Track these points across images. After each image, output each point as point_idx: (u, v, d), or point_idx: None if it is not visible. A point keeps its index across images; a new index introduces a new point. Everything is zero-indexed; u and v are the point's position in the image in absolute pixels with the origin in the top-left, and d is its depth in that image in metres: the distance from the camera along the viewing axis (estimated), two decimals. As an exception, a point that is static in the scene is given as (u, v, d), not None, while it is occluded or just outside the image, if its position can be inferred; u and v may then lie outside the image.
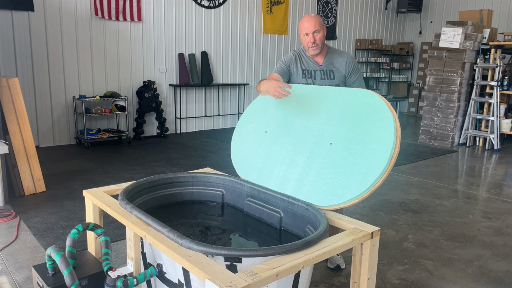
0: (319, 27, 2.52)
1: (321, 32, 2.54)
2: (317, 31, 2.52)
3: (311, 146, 2.31)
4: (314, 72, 2.67)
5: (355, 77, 2.65)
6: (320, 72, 2.65)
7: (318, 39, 2.53)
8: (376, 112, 2.15)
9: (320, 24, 2.53)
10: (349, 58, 2.64)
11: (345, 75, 2.64)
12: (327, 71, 2.65)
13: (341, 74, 2.64)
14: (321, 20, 2.56)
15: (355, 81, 2.66)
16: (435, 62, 7.38)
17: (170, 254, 1.63)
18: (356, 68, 2.65)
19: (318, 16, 2.56)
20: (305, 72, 2.69)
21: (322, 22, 2.57)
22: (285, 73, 2.69)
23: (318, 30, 2.52)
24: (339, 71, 2.64)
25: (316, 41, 2.54)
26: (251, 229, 2.41)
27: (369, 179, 1.98)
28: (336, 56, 2.64)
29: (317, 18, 2.53)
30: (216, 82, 8.15)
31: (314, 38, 2.53)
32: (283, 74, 2.68)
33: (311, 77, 2.67)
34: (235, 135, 2.79)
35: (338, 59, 2.63)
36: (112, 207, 2.09)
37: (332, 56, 2.65)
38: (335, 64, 2.63)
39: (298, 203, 2.16)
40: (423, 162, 6.01)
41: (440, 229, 3.57)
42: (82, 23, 6.38)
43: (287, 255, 1.61)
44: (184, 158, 5.78)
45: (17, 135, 3.90)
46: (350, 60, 2.64)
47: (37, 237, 3.15)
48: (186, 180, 2.64)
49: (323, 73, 2.66)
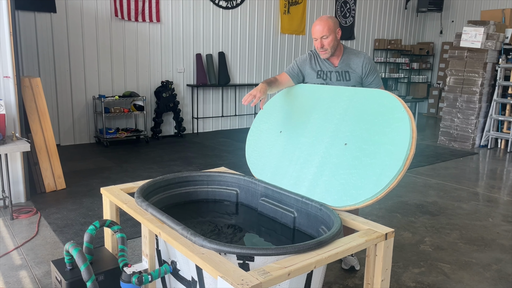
0: (327, 32, 2.45)
1: (330, 37, 2.47)
2: (325, 37, 2.46)
3: (326, 147, 2.31)
4: (329, 73, 2.63)
5: (372, 78, 2.58)
6: (335, 74, 2.61)
7: (327, 44, 2.48)
8: (392, 112, 2.13)
9: (330, 29, 2.46)
10: (365, 58, 2.58)
11: (361, 76, 2.58)
12: (342, 73, 2.60)
13: (357, 75, 2.58)
14: (333, 23, 2.48)
15: (372, 82, 2.59)
16: (456, 62, 7.24)
17: (184, 252, 1.66)
18: (373, 69, 2.58)
19: (329, 20, 2.49)
20: (320, 73, 2.65)
21: (334, 25, 2.48)
22: (296, 75, 2.66)
23: (326, 35, 2.46)
24: (355, 72, 2.58)
25: (325, 46, 2.49)
26: (265, 229, 2.42)
27: (383, 180, 1.96)
28: (352, 57, 2.58)
29: (326, 23, 2.46)
30: (233, 82, 8.19)
31: (322, 43, 2.48)
32: (293, 76, 2.66)
33: (327, 78, 2.64)
34: (250, 135, 2.80)
35: (354, 60, 2.57)
36: (128, 204, 2.13)
37: (349, 57, 2.59)
38: (351, 65, 2.57)
39: (311, 203, 2.16)
40: (442, 164, 5.91)
41: (458, 232, 3.50)
42: (103, 24, 6.51)
43: (300, 254, 1.61)
44: (200, 157, 5.83)
45: (39, 134, 4.00)
46: (366, 60, 2.57)
47: (56, 233, 3.23)
48: (201, 179, 2.66)
49: (338, 74, 2.61)
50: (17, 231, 3.27)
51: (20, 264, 2.75)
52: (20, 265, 2.75)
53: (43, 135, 4.03)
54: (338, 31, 2.53)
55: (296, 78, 2.68)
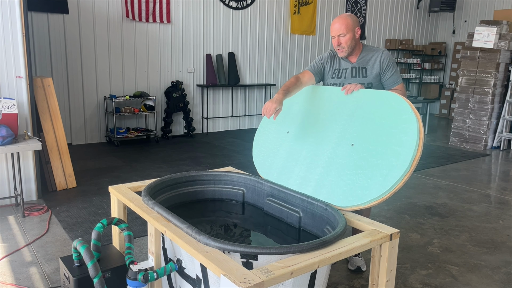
0: (345, 30, 2.43)
1: (348, 35, 2.45)
2: (342, 35, 2.44)
3: (333, 147, 2.30)
4: (345, 70, 2.60)
5: (390, 74, 2.53)
6: (352, 70, 2.58)
7: (344, 43, 2.46)
8: (399, 113, 2.12)
9: (347, 27, 2.44)
10: (383, 54, 2.53)
11: (379, 72, 2.54)
12: (359, 68, 2.57)
13: (375, 71, 2.54)
14: (351, 22, 2.45)
15: (389, 78, 2.54)
16: (468, 63, 7.15)
17: (188, 250, 1.67)
18: (391, 65, 2.53)
19: (348, 18, 2.46)
20: (335, 72, 2.64)
21: (352, 24, 2.45)
22: (319, 72, 2.64)
23: (344, 33, 2.44)
24: (373, 68, 2.54)
25: (341, 44, 2.47)
26: (270, 228, 2.42)
27: (389, 181, 1.95)
28: (370, 54, 2.55)
29: (345, 21, 2.44)
30: (243, 83, 8.20)
31: (339, 41, 2.47)
32: (316, 73, 2.63)
33: (341, 77, 2.62)
34: (257, 135, 2.81)
35: (372, 56, 2.54)
36: (135, 202, 2.15)
37: (367, 53, 2.56)
38: (369, 62, 2.55)
39: (317, 203, 2.16)
40: (453, 166, 5.84)
41: (468, 234, 3.46)
42: (114, 25, 6.58)
43: (303, 254, 1.62)
44: (209, 157, 5.86)
45: (51, 133, 4.07)
46: (385, 56, 2.52)
47: (66, 231, 3.28)
48: (208, 178, 2.68)
49: (355, 70, 2.57)
50: (28, 228, 3.32)
51: (31, 261, 2.80)
52: (31, 261, 2.80)
53: (55, 134, 4.09)
54: (357, 30, 2.48)
55: (318, 74, 2.64)
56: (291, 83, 2.47)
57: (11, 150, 3.36)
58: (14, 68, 3.74)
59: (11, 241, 3.10)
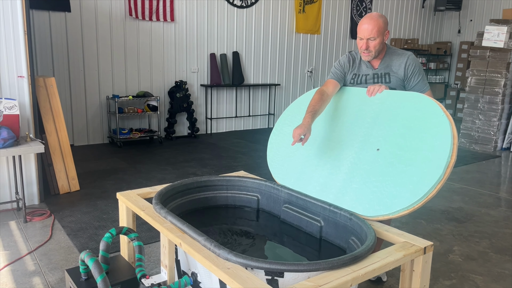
0: (376, 34, 2.21)
1: (378, 39, 2.23)
2: (372, 39, 2.22)
3: (356, 152, 2.17)
4: (365, 76, 2.40)
5: (416, 81, 2.30)
6: (373, 76, 2.37)
7: (372, 47, 2.24)
8: (430, 116, 1.98)
9: (379, 31, 2.21)
10: (409, 59, 2.30)
11: (403, 79, 2.31)
12: (382, 75, 2.35)
13: (398, 77, 2.31)
14: (383, 24, 2.23)
15: (415, 85, 2.31)
16: (477, 62, 7.02)
17: (207, 265, 1.54)
18: (417, 71, 2.30)
19: (380, 20, 2.22)
20: (354, 77, 2.44)
21: (384, 27, 2.23)
22: (342, 78, 2.43)
23: (374, 37, 2.21)
24: (397, 74, 2.31)
25: (370, 48, 2.25)
26: (288, 238, 2.29)
27: (421, 189, 1.82)
28: (394, 58, 2.33)
29: (377, 23, 2.21)
30: (247, 83, 8.06)
31: (368, 45, 2.24)
32: (340, 80, 2.42)
33: (360, 83, 2.42)
34: (272, 138, 2.67)
35: (397, 61, 2.31)
36: (146, 211, 2.02)
37: (391, 57, 2.33)
38: (392, 67, 2.32)
39: (340, 212, 2.02)
40: (464, 168, 5.71)
41: (488, 240, 3.33)
42: (117, 24, 6.44)
43: (333, 271, 1.48)
44: (214, 159, 5.72)
45: (53, 135, 3.93)
46: (410, 61, 2.29)
47: (70, 237, 3.14)
48: (221, 184, 2.54)
49: (377, 76, 2.36)
50: (30, 235, 3.19)
51: (33, 270, 2.67)
52: (33, 271, 2.66)
53: (57, 136, 3.95)
54: (387, 33, 2.27)
55: (342, 81, 2.44)
56: (316, 100, 2.27)
57: (13, 153, 3.22)
58: (16, 68, 3.60)
59: (13, 248, 2.97)
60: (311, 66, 8.97)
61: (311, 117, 2.19)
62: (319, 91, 2.36)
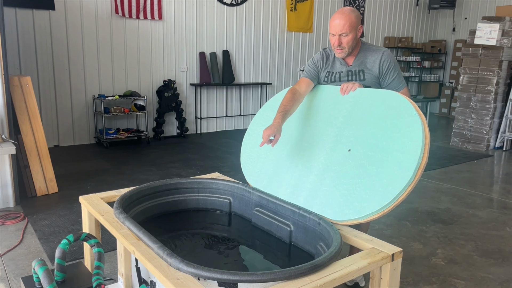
0: (348, 29, 2.11)
1: (351, 35, 2.13)
2: (345, 34, 2.12)
3: (327, 153, 2.07)
4: (339, 74, 2.30)
5: (392, 78, 2.20)
6: (347, 73, 2.27)
7: (345, 43, 2.15)
8: (402, 116, 1.89)
9: (351, 26, 2.12)
10: (384, 55, 2.20)
11: (378, 76, 2.22)
12: (356, 72, 2.25)
13: (373, 75, 2.22)
14: (355, 19, 2.14)
15: (390, 83, 2.22)
16: (469, 60, 6.92)
17: (157, 275, 1.44)
18: (392, 68, 2.21)
19: (352, 15, 2.13)
20: (328, 75, 2.34)
21: (356, 22, 2.14)
22: (315, 76, 2.34)
23: (346, 33, 2.12)
24: (371, 71, 2.22)
25: (342, 44, 2.16)
26: (259, 243, 2.19)
27: (391, 192, 1.72)
28: (369, 54, 2.23)
29: (349, 18, 2.12)
30: (238, 82, 7.96)
31: (340, 41, 2.15)
32: (313, 78, 2.33)
33: (334, 80, 2.32)
34: (246, 138, 2.57)
35: (371, 57, 2.22)
36: (106, 216, 1.92)
37: (366, 54, 2.24)
38: (367, 64, 2.23)
39: (309, 216, 1.92)
40: (455, 167, 5.62)
41: (474, 243, 3.24)
42: (103, 22, 6.33)
43: (290, 281, 1.39)
44: (201, 159, 5.62)
45: (29, 135, 3.83)
46: (385, 57, 2.20)
47: (41, 241, 3.04)
48: (191, 186, 2.45)
49: (351, 74, 2.27)
50: (1, 239, 3.09)
51: (-1, 276, 2.57)
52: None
53: (34, 136, 3.85)
54: (360, 28, 2.17)
55: (316, 79, 2.35)
56: (288, 100, 2.18)
57: (-17, 154, 3.12)
58: (-11, 66, 3.49)
59: (-19, 253, 2.87)
60: (303, 65, 8.86)
61: (281, 117, 2.09)
62: (291, 90, 2.26)
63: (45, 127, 6.06)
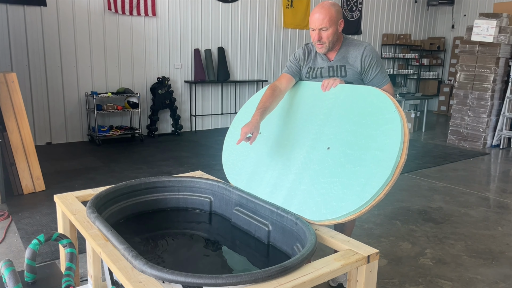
0: (328, 23, 2.05)
1: (331, 29, 2.07)
2: (324, 29, 2.06)
3: (307, 151, 2.02)
4: (320, 69, 2.24)
5: (374, 73, 2.14)
6: (328, 69, 2.21)
7: (325, 38, 2.09)
8: (382, 112, 1.83)
9: (331, 20, 2.06)
10: (366, 50, 2.13)
11: (360, 72, 2.15)
12: (337, 67, 2.18)
13: (355, 70, 2.15)
14: (335, 13, 2.08)
15: (373, 79, 2.14)
16: (466, 57, 6.85)
17: (120, 277, 1.39)
18: (374, 63, 2.13)
19: (332, 9, 2.06)
20: (309, 71, 2.27)
21: (336, 16, 2.08)
22: (297, 72, 2.29)
23: (326, 27, 2.06)
24: (353, 67, 2.15)
25: (322, 39, 2.09)
26: (239, 243, 2.14)
27: (368, 192, 1.67)
28: (351, 49, 2.16)
29: (328, 12, 2.05)
30: (233, 79, 7.90)
31: (320, 35, 2.09)
32: (295, 74, 2.28)
33: (316, 77, 2.25)
34: (228, 136, 2.52)
35: (353, 52, 2.15)
36: (77, 215, 1.87)
37: (347, 49, 2.17)
38: (348, 59, 2.16)
39: (287, 215, 1.87)
40: (451, 165, 5.55)
41: (464, 243, 3.18)
42: (95, 18, 6.27)
43: (257, 284, 1.33)
44: (194, 157, 5.57)
45: (15, 132, 3.78)
46: (367, 52, 2.12)
47: (23, 240, 3.00)
48: (171, 185, 2.39)
49: (332, 69, 2.20)
50: (-16, 237, 3.04)
51: (-24, 276, 2.52)
52: (-24, 277, 2.51)
53: (20, 133, 3.80)
54: (341, 22, 2.11)
55: (297, 75, 2.29)
56: (267, 97, 2.12)
57: (-35, 152, 3.08)
58: (-27, 63, 3.45)
59: (-38, 252, 2.82)
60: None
61: (260, 114, 2.04)
62: (272, 86, 2.21)
63: (37, 124, 6.03)
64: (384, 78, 2.16)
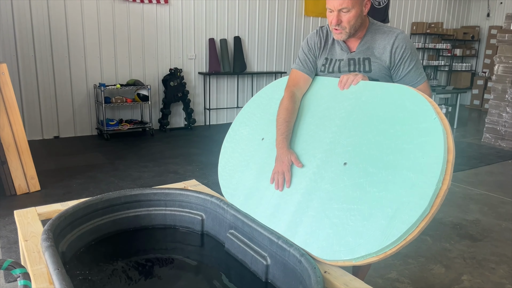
0: (351, 3, 1.59)
1: (354, 10, 1.61)
2: (345, 10, 1.60)
3: (318, 165, 1.60)
4: (339, 62, 1.77)
5: (407, 69, 1.67)
6: (348, 62, 1.74)
7: (346, 21, 1.63)
8: (417, 120, 1.39)
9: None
10: (398, 39, 1.66)
11: (389, 67, 1.69)
12: (359, 61, 1.72)
13: (382, 65, 1.69)
14: None
15: (405, 76, 1.68)
16: (505, 48, 6.19)
17: None
18: (408, 55, 1.66)
19: None
20: (325, 63, 1.81)
21: None
22: (314, 69, 1.84)
23: (348, 8, 1.60)
24: (380, 60, 1.69)
25: (342, 23, 1.63)
26: (234, 274, 1.75)
27: (396, 228, 1.24)
28: (378, 38, 1.70)
29: None
30: (250, 70, 7.48)
31: (339, 18, 1.62)
32: (311, 72, 1.83)
33: (332, 71, 1.79)
34: (226, 142, 2.12)
35: (381, 42, 1.69)
36: (30, 242, 1.52)
37: (374, 37, 1.71)
38: (374, 50, 1.70)
39: (289, 249, 1.47)
40: (487, 168, 5.00)
41: (507, 267, 2.70)
42: (105, 6, 5.95)
43: None
44: (204, 154, 5.21)
45: (6, 129, 3.50)
46: (399, 42, 1.66)
47: (3, 251, 2.71)
48: (157, 199, 2.02)
49: (353, 62, 1.73)
50: (-36, 245, 2.77)
51: None
52: None
53: (12, 130, 3.52)
54: (367, 2, 1.65)
55: (314, 70, 1.84)
56: (289, 112, 1.74)
57: None
58: (-42, 53, 3.16)
59: None
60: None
61: (286, 141, 1.71)
62: (289, 96, 1.78)
63: (44, 118, 5.79)
64: (420, 76, 1.68)
